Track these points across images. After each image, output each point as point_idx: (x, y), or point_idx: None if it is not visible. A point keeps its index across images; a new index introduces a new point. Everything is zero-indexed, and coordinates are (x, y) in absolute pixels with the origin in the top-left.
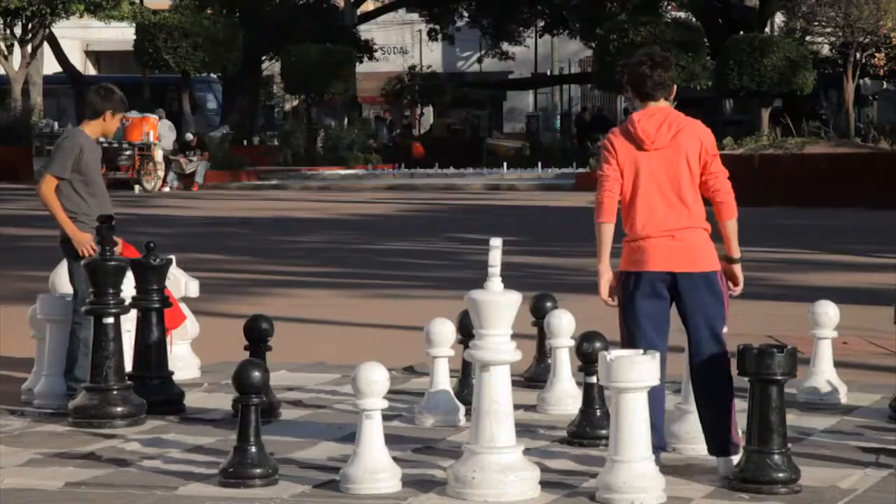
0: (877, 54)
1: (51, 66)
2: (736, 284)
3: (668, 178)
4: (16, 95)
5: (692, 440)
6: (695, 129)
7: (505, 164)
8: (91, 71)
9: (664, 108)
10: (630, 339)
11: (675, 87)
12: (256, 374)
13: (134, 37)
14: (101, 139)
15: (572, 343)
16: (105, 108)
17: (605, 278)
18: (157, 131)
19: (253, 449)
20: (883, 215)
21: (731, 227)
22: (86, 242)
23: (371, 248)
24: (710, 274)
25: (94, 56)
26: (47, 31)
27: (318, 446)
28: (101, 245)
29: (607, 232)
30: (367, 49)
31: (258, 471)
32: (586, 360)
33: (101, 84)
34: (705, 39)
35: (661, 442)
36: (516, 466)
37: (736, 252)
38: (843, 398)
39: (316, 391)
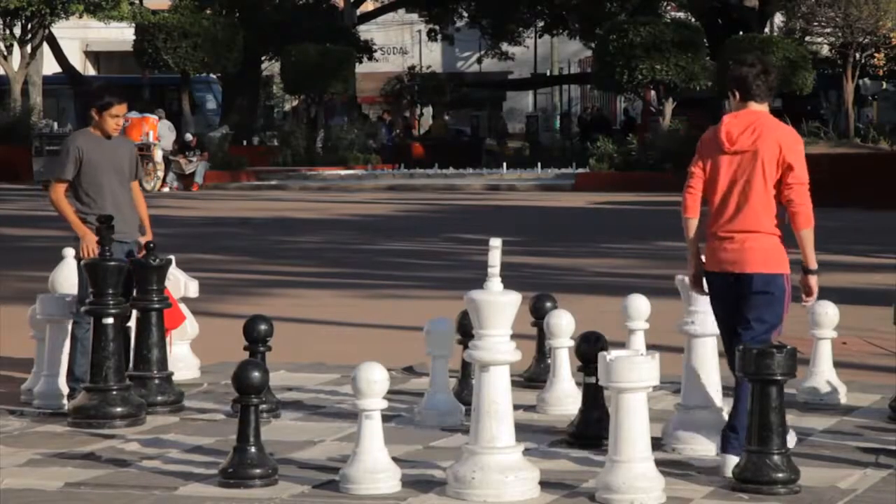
0: (876, 54)
1: (50, 66)
2: (809, 295)
3: (742, 181)
4: (15, 95)
5: (692, 440)
6: (778, 135)
7: (505, 164)
8: (91, 71)
9: (758, 112)
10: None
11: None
12: (256, 374)
13: (133, 37)
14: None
15: (572, 343)
16: (91, 107)
17: (691, 270)
18: (157, 131)
19: (252, 449)
20: (883, 215)
21: (805, 236)
22: (89, 242)
23: (371, 248)
24: (766, 276)
25: (94, 56)
26: (47, 31)
27: (318, 446)
28: (100, 245)
29: (691, 226)
30: (367, 49)
31: (258, 471)
32: (586, 360)
33: (97, 83)
34: (705, 39)
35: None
36: (516, 466)
37: (812, 263)
38: (843, 398)
39: (316, 391)
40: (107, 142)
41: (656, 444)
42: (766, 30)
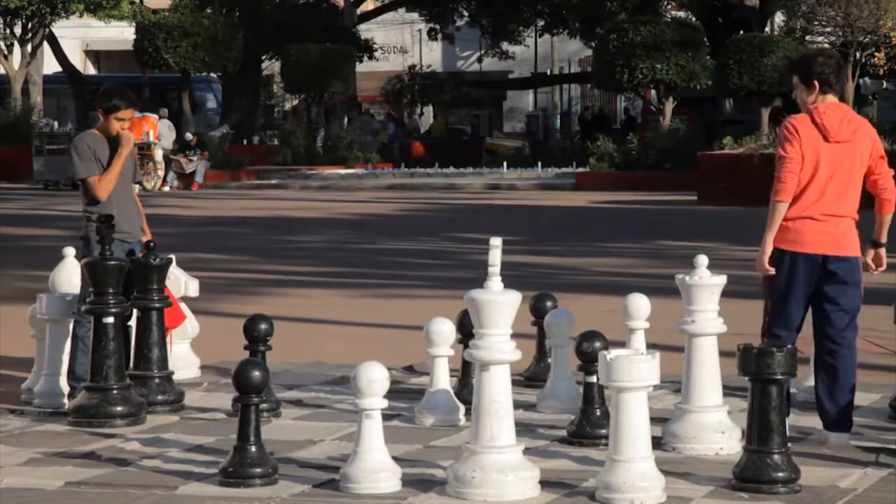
0: (877, 54)
1: (51, 65)
2: (880, 265)
3: (843, 169)
4: (16, 95)
5: (692, 440)
6: (868, 129)
7: (505, 163)
8: (91, 70)
9: (842, 104)
10: (775, 312)
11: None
12: (256, 373)
13: (134, 36)
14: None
15: (572, 343)
16: (97, 107)
17: (769, 252)
18: (157, 131)
19: (253, 448)
20: None
21: (888, 219)
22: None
23: (371, 248)
24: (853, 259)
25: (94, 55)
26: (47, 30)
27: (318, 445)
28: (100, 245)
29: (783, 210)
30: (367, 49)
31: (258, 470)
32: (586, 359)
33: (104, 85)
34: (705, 39)
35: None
36: (516, 466)
37: (884, 238)
38: None
39: (316, 391)
40: (113, 144)
41: (656, 443)
42: (767, 29)
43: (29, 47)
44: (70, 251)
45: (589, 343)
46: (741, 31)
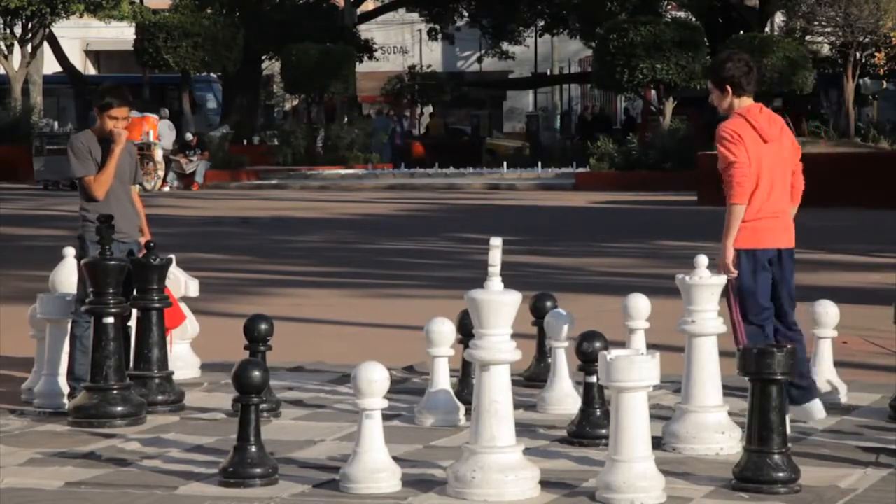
0: (877, 54)
1: (51, 65)
2: None
3: (780, 167)
4: (16, 95)
5: (692, 440)
6: (786, 127)
7: (505, 163)
8: (91, 70)
9: (761, 104)
10: (746, 308)
11: None
12: (256, 373)
13: (134, 36)
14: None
15: (572, 343)
16: (95, 108)
17: (732, 254)
18: (157, 131)
19: (253, 449)
20: (883, 215)
21: (795, 210)
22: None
23: (371, 248)
24: (793, 249)
25: (94, 56)
26: (47, 30)
27: (319, 446)
28: (100, 244)
29: (742, 212)
30: (367, 49)
31: (258, 470)
32: (586, 359)
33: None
34: (705, 39)
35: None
36: (516, 466)
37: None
38: (843, 398)
39: (316, 391)
40: (108, 143)
41: (656, 443)
42: (767, 29)
43: (29, 47)
44: (70, 251)
45: (589, 343)
46: (741, 31)
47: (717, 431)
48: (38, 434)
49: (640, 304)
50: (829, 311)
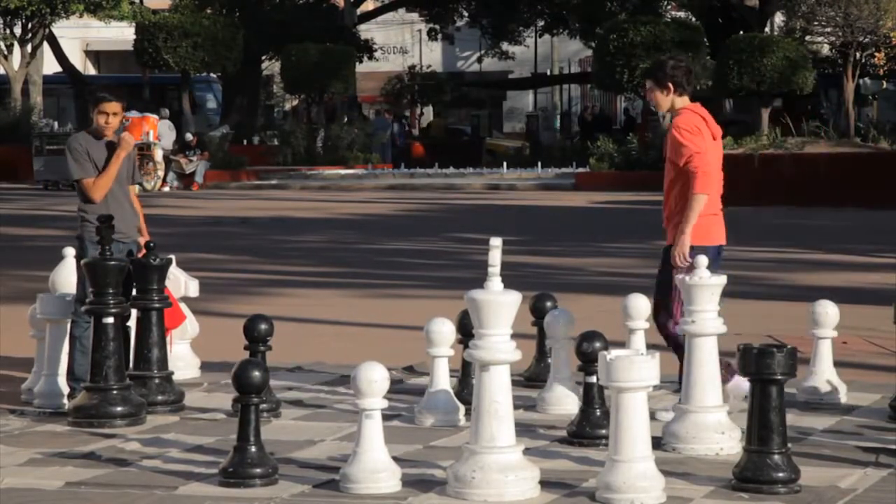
0: (877, 54)
1: (51, 65)
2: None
3: (719, 164)
4: (16, 95)
5: (692, 440)
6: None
7: (505, 163)
8: (91, 71)
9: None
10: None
11: None
12: (256, 373)
13: (134, 36)
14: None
15: (572, 343)
16: (90, 106)
17: (689, 244)
18: (157, 131)
19: (253, 449)
20: (883, 215)
21: None
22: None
23: (371, 248)
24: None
25: (94, 56)
26: (47, 30)
27: (318, 446)
28: (100, 245)
29: (704, 202)
30: (367, 49)
31: (258, 470)
32: (586, 359)
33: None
34: (705, 39)
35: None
36: (516, 466)
37: None
38: (843, 398)
39: (316, 391)
40: (105, 143)
41: (656, 443)
42: (767, 29)
43: (29, 47)
44: (70, 251)
45: (589, 343)
46: (741, 32)
47: (717, 431)
48: (38, 434)
49: (640, 304)
50: (829, 311)
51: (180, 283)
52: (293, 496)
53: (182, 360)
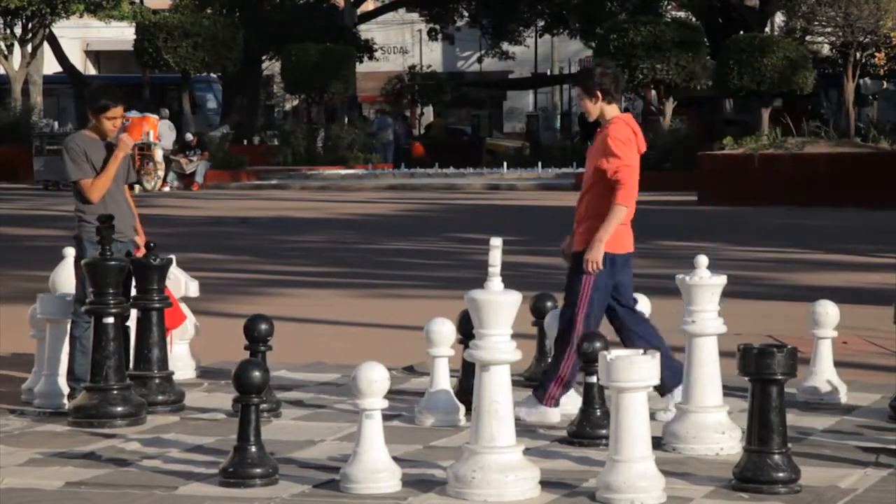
0: (877, 54)
1: (51, 65)
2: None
3: (638, 178)
4: (16, 95)
5: (692, 440)
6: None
7: (505, 163)
8: (91, 71)
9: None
10: (593, 304)
11: None
12: (256, 374)
13: (134, 36)
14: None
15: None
16: (89, 110)
17: (602, 251)
18: (157, 131)
19: (253, 449)
20: (883, 215)
21: None
22: (126, 140)
23: (371, 248)
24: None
25: (94, 56)
26: (47, 30)
27: (319, 446)
28: (100, 245)
29: (624, 214)
30: (367, 49)
31: (258, 470)
32: (586, 359)
33: (91, 86)
34: (705, 39)
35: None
36: (516, 466)
37: None
38: (843, 398)
39: (316, 391)
40: (104, 143)
41: (656, 443)
42: (767, 29)
43: (29, 47)
44: (70, 251)
45: (589, 343)
46: (741, 32)
47: (717, 431)
48: (38, 434)
49: (640, 305)
50: (829, 311)
51: (180, 283)
52: (293, 496)
53: (182, 360)
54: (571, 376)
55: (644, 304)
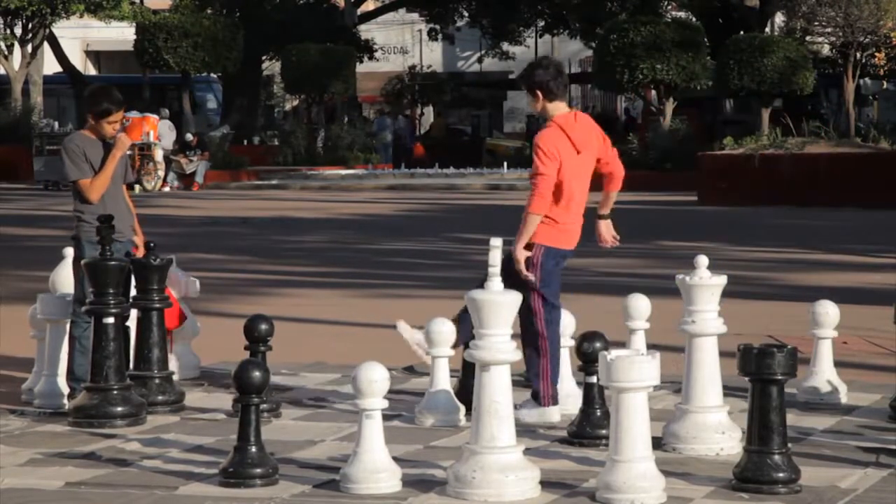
0: (877, 54)
1: (51, 65)
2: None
3: (586, 176)
4: (16, 95)
5: (692, 440)
6: (595, 127)
7: (505, 163)
8: (91, 71)
9: (576, 111)
10: (546, 294)
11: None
12: (256, 374)
13: (134, 37)
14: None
15: (572, 343)
16: (87, 112)
17: (524, 256)
18: (158, 131)
19: (253, 449)
20: (883, 215)
21: (615, 196)
22: (124, 139)
23: (371, 248)
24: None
25: (95, 56)
26: (47, 30)
27: (319, 446)
28: (101, 245)
29: (537, 222)
30: (368, 49)
31: (258, 471)
32: (586, 359)
33: (95, 85)
34: (705, 39)
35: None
36: (517, 466)
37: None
38: (843, 398)
39: (316, 391)
40: (102, 143)
41: (656, 443)
42: (767, 29)
43: (29, 47)
44: (70, 251)
45: (589, 343)
46: (741, 32)
47: (717, 431)
48: (38, 434)
49: (640, 304)
50: (829, 311)
51: (180, 283)
52: (293, 496)
53: (182, 359)
54: (554, 367)
55: (644, 305)
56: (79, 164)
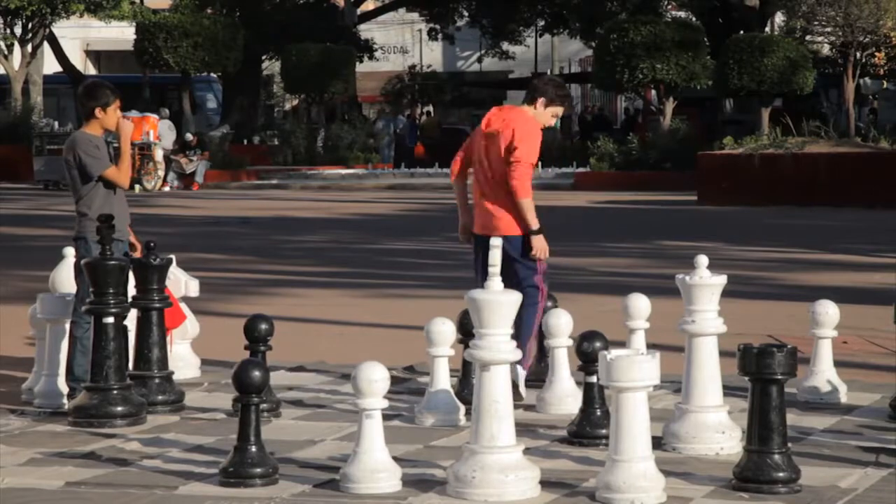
0: (877, 54)
1: (51, 65)
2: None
3: (480, 156)
4: (16, 95)
5: (692, 440)
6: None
7: None
8: (91, 70)
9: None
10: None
11: None
12: (256, 373)
13: (134, 36)
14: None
15: (571, 343)
16: (93, 106)
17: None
18: (157, 131)
19: (253, 448)
20: (883, 215)
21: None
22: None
23: (371, 248)
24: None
25: (94, 56)
26: (47, 30)
27: (319, 446)
28: (101, 244)
29: None
30: (367, 49)
31: (258, 470)
32: (586, 359)
33: (85, 83)
34: (705, 39)
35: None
36: (516, 466)
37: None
38: (843, 398)
39: (316, 391)
40: (101, 140)
41: (656, 443)
42: (767, 29)
43: (29, 47)
44: (70, 251)
45: (589, 343)
46: (741, 32)
47: (717, 431)
48: (38, 434)
49: (640, 304)
50: (829, 311)
51: (180, 283)
52: (293, 496)
53: (182, 360)
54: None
55: (644, 305)
56: (100, 157)
